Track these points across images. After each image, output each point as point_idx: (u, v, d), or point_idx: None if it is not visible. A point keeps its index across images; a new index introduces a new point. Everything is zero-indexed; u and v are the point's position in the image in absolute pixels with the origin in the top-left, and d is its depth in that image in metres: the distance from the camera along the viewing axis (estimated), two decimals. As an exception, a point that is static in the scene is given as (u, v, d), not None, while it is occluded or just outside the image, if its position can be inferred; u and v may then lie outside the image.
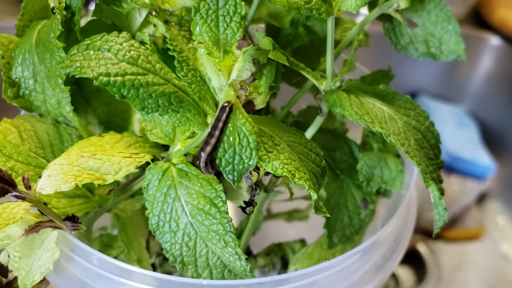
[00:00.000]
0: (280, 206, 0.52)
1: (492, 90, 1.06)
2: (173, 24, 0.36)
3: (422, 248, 0.89)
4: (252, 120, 0.26)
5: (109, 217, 0.42)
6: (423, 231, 0.88)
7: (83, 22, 0.39)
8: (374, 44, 0.46)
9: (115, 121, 0.39)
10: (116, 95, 0.25)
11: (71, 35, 0.37)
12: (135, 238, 0.37)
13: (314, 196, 0.28)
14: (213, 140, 0.25)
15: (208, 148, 0.25)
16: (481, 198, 0.98)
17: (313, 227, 0.52)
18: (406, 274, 0.87)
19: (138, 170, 0.32)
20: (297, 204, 0.52)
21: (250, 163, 0.26)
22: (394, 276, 0.84)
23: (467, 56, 0.39)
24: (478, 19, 1.05)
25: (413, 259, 0.87)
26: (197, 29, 0.27)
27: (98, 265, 0.34)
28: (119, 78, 0.25)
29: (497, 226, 0.95)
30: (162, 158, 0.34)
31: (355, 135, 0.45)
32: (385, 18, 0.38)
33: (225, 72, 0.26)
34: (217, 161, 0.26)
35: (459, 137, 1.00)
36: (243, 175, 0.27)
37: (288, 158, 0.28)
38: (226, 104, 0.25)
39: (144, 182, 0.32)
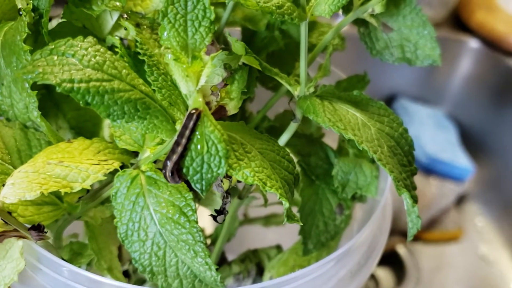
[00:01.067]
0: (257, 211, 0.52)
1: (471, 92, 1.07)
2: (144, 27, 0.35)
3: (401, 249, 0.90)
4: (221, 128, 0.25)
5: (82, 224, 0.42)
6: (403, 233, 0.88)
7: (55, 23, 0.38)
8: (353, 46, 0.45)
9: (85, 126, 0.38)
10: (81, 102, 0.25)
11: (39, 38, 0.36)
12: (105, 246, 0.36)
13: (286, 204, 0.28)
14: (179, 149, 0.25)
15: (175, 157, 0.25)
16: (460, 200, 0.99)
17: (292, 231, 0.52)
18: (385, 276, 0.87)
19: (106, 177, 0.31)
20: (275, 208, 0.52)
21: (219, 171, 0.25)
22: (373, 278, 0.85)
23: (446, 58, 0.39)
24: (457, 22, 1.06)
25: (392, 261, 0.87)
26: (165, 34, 0.26)
27: (67, 276, 0.33)
28: (83, 85, 0.24)
29: (475, 228, 0.96)
30: (132, 165, 0.33)
31: (332, 140, 0.45)
32: (360, 22, 0.38)
33: (194, 78, 0.25)
34: (184, 170, 0.25)
35: (438, 139, 1.01)
36: (213, 184, 0.26)
37: (260, 165, 0.28)
38: (193, 111, 0.24)
39: (112, 190, 0.31)
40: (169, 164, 0.25)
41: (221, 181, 0.30)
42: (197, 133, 0.25)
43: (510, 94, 1.00)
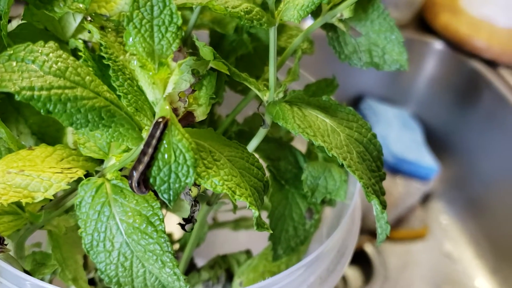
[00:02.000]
0: (227, 214, 0.51)
1: (435, 93, 1.09)
2: (109, 30, 0.34)
3: (369, 248, 0.91)
4: (189, 136, 0.24)
5: (45, 233, 0.40)
6: (370, 232, 0.89)
7: (15, 24, 0.37)
8: (320, 46, 0.45)
9: (48, 132, 0.37)
10: (41, 111, 0.23)
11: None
12: (70, 255, 0.35)
13: (256, 213, 0.27)
14: (146, 158, 0.24)
15: (141, 167, 0.24)
16: (425, 199, 1.01)
17: (262, 234, 0.52)
18: (353, 274, 0.88)
19: (70, 186, 0.30)
20: (244, 212, 0.51)
21: (187, 181, 0.24)
22: (342, 277, 0.85)
23: (412, 60, 0.40)
24: (422, 24, 1.07)
25: (360, 259, 0.88)
26: (130, 40, 0.25)
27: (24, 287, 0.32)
28: (44, 93, 0.23)
29: (440, 226, 0.98)
30: (96, 172, 0.32)
31: (302, 143, 0.45)
32: (329, 27, 0.38)
33: (160, 85, 0.25)
34: (151, 180, 0.24)
35: (404, 139, 1.02)
36: (182, 192, 0.25)
37: (229, 174, 0.27)
38: (160, 119, 0.24)
39: (77, 199, 0.30)
40: (135, 175, 0.24)
41: (189, 189, 0.29)
42: (164, 142, 0.24)
43: (473, 94, 1.02)
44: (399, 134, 1.02)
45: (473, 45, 1.00)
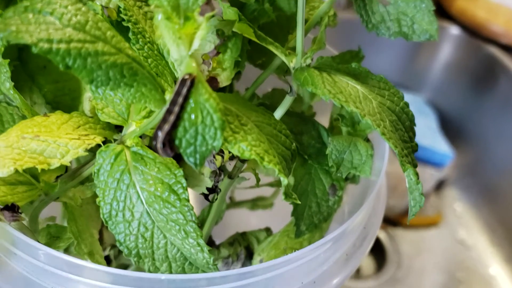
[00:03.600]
0: (243, 194, 0.50)
1: (451, 79, 1.07)
2: (128, -7, 0.32)
3: (381, 235, 0.90)
4: (216, 96, 0.23)
5: (59, 207, 0.39)
6: (383, 218, 0.88)
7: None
8: (333, 31, 0.44)
9: (63, 101, 0.35)
10: (60, 65, 0.22)
11: (12, 2, 0.33)
12: (86, 229, 0.34)
13: (285, 181, 0.26)
14: (172, 118, 0.22)
15: (167, 127, 0.22)
16: (439, 185, 1.00)
17: (277, 216, 0.50)
18: (366, 261, 0.87)
19: (87, 153, 0.28)
20: (262, 191, 0.50)
21: (214, 144, 0.23)
22: (354, 264, 0.84)
23: (427, 45, 0.38)
24: (439, 9, 1.05)
25: (373, 246, 0.87)
26: (155, -8, 0.23)
27: (44, 260, 0.30)
28: (63, 46, 0.22)
29: (454, 213, 0.97)
30: (115, 140, 0.30)
31: (323, 120, 0.43)
32: (356, -7, 0.36)
33: (186, 41, 0.23)
34: (176, 142, 0.23)
35: (419, 125, 1.00)
36: (206, 159, 0.24)
37: (256, 139, 0.26)
38: (187, 76, 0.22)
39: (95, 167, 0.28)
40: (160, 135, 0.22)
41: (214, 157, 0.27)
42: (191, 101, 0.22)
43: (489, 80, 1.00)
44: (413, 120, 1.00)
45: (490, 30, 0.98)
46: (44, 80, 0.35)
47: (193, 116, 0.23)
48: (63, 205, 0.33)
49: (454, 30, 1.03)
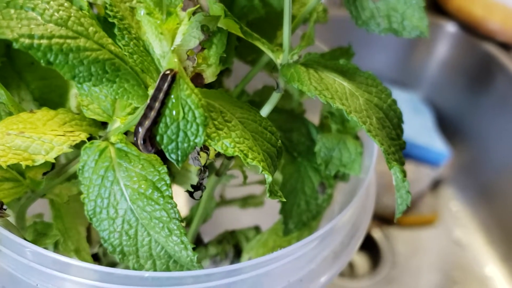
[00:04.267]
0: (234, 192, 0.50)
1: (447, 76, 1.07)
2: (114, -11, 0.32)
3: (376, 234, 0.90)
4: (198, 92, 0.23)
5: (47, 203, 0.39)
6: (378, 217, 0.88)
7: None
8: (328, 29, 0.44)
9: (50, 98, 0.35)
10: (42, 61, 0.22)
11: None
12: (72, 226, 0.33)
13: (269, 178, 0.26)
14: (152, 114, 0.22)
15: (147, 123, 0.22)
16: (435, 184, 0.99)
17: (268, 214, 0.50)
18: (361, 260, 0.87)
19: (72, 149, 0.28)
20: (252, 189, 0.49)
21: (196, 140, 0.23)
22: (349, 262, 0.84)
23: (423, 42, 0.38)
24: (435, 6, 1.05)
25: (368, 245, 0.87)
26: (137, -12, 0.23)
27: (30, 257, 0.30)
28: (44, 41, 0.22)
29: (450, 212, 0.96)
30: (100, 137, 0.30)
31: (313, 117, 0.43)
32: (346, -11, 0.36)
33: (168, 37, 0.23)
34: (158, 138, 0.23)
35: (415, 123, 1.01)
36: (189, 155, 0.24)
37: (241, 136, 0.26)
38: (168, 72, 0.22)
39: (79, 164, 0.28)
40: (141, 131, 0.22)
41: (198, 153, 0.27)
42: (172, 96, 0.22)
43: (486, 78, 1.00)
44: (409, 118, 1.00)
45: (487, 28, 0.98)
46: (31, 77, 0.35)
47: (174, 112, 0.22)
48: (50, 202, 0.33)
49: (450, 28, 1.03)
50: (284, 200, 0.27)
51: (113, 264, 0.42)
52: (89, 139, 0.29)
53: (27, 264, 0.30)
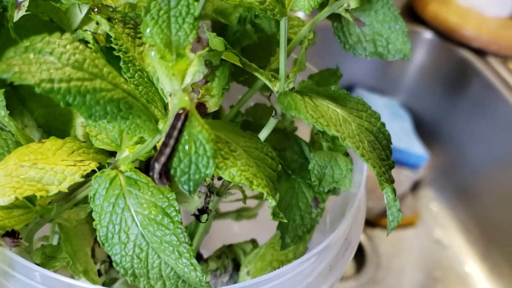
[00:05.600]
0: (227, 204, 0.51)
1: (424, 82, 1.09)
2: (116, 21, 0.34)
3: (361, 236, 0.91)
4: (208, 127, 0.24)
5: (47, 226, 0.40)
6: (362, 221, 0.89)
7: (18, 16, 0.36)
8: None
9: (54, 125, 0.36)
10: (61, 103, 0.23)
11: (2, 32, 0.34)
12: (80, 248, 0.35)
13: (273, 203, 0.27)
14: (167, 150, 0.24)
15: (163, 159, 0.24)
16: (415, 186, 1.02)
17: (258, 223, 0.52)
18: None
19: (83, 179, 0.30)
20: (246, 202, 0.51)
21: (207, 172, 0.25)
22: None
23: None
24: (412, 14, 1.08)
25: (352, 248, 0.89)
26: (148, 31, 0.25)
27: (41, 281, 0.31)
28: (63, 85, 0.23)
29: (430, 213, 0.99)
30: (108, 164, 0.32)
31: (304, 133, 0.45)
32: (334, 17, 0.38)
33: (179, 77, 0.24)
34: (172, 172, 0.24)
35: (394, 128, 1.03)
36: (200, 184, 0.25)
37: (245, 164, 0.27)
38: (181, 111, 0.24)
39: (91, 192, 0.30)
40: (157, 166, 0.24)
41: (204, 180, 0.29)
42: (185, 133, 0.24)
43: (462, 83, 1.03)
44: (389, 123, 1.02)
45: (462, 35, 1.01)
46: (35, 105, 0.36)
47: (187, 147, 0.24)
48: (58, 226, 0.35)
49: (427, 35, 1.05)
50: (285, 221, 0.29)
51: (114, 280, 0.43)
52: (99, 168, 0.31)
53: (38, 288, 0.32)
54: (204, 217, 0.31)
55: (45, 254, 0.35)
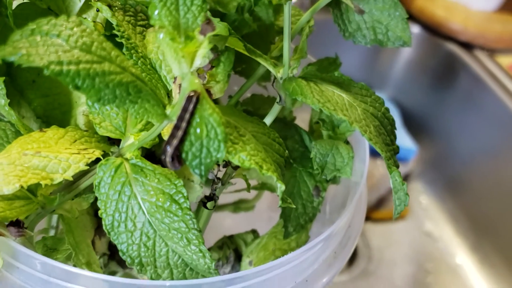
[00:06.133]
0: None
1: (412, 76, 1.10)
2: (116, 8, 0.33)
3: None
4: (219, 111, 0.24)
5: (43, 221, 0.39)
6: (354, 214, 0.90)
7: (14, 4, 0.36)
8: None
9: (53, 115, 0.36)
10: (70, 86, 0.23)
11: (0, 20, 0.33)
12: (82, 239, 0.34)
13: (282, 187, 0.27)
14: (180, 133, 0.24)
15: (175, 142, 0.24)
16: (405, 179, 1.01)
17: (248, 218, 0.52)
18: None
19: (88, 167, 0.29)
20: (241, 195, 0.51)
21: (218, 156, 0.24)
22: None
23: None
24: (399, 8, 1.08)
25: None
26: (156, 13, 0.25)
27: (42, 270, 0.31)
28: (72, 67, 0.23)
29: (420, 206, 0.99)
30: (112, 153, 0.31)
31: (301, 122, 0.45)
32: (334, 4, 0.38)
33: (188, 59, 0.24)
34: (183, 155, 0.24)
35: (383, 122, 1.02)
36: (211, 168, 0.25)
37: (254, 149, 0.27)
38: (192, 93, 0.23)
39: (96, 180, 0.29)
40: (169, 150, 0.24)
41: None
42: (196, 116, 0.24)
43: (449, 76, 1.04)
44: (378, 117, 1.03)
45: (449, 28, 1.01)
46: (34, 95, 0.36)
47: (198, 130, 0.24)
48: (60, 217, 0.34)
49: (414, 29, 1.06)
50: (294, 206, 0.29)
51: (113, 273, 0.43)
52: (103, 156, 0.30)
53: (40, 277, 0.31)
54: (211, 203, 0.30)
55: (46, 246, 0.34)
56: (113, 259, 0.41)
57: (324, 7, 0.37)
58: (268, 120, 0.34)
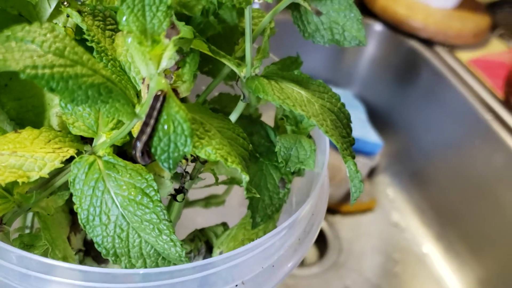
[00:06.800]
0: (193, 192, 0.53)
1: (376, 73, 1.13)
2: (86, 14, 0.35)
3: (322, 223, 0.94)
4: (185, 108, 0.26)
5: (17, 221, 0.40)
6: (323, 208, 0.92)
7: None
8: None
9: (27, 117, 0.37)
10: (45, 88, 0.25)
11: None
12: (58, 235, 0.36)
13: (246, 178, 0.29)
14: (148, 129, 0.26)
15: (144, 137, 0.26)
16: (371, 173, 1.05)
17: (217, 213, 0.54)
18: (309, 249, 0.91)
19: (63, 164, 0.31)
20: (212, 189, 0.53)
21: (185, 150, 0.26)
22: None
23: None
24: (362, 7, 1.12)
25: (314, 235, 0.91)
26: (124, 19, 0.26)
27: (20, 264, 0.32)
28: (47, 71, 0.24)
29: (387, 198, 1.02)
30: (86, 151, 0.33)
31: (265, 119, 0.47)
32: (293, 7, 0.40)
33: (155, 62, 0.26)
34: (152, 150, 0.26)
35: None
36: (179, 162, 0.27)
37: (220, 143, 0.29)
38: (159, 92, 0.25)
39: (70, 177, 0.31)
40: (139, 145, 0.26)
41: (180, 161, 0.31)
42: (164, 113, 0.26)
43: (412, 72, 1.07)
44: (345, 113, 1.05)
45: (410, 26, 1.05)
46: (6, 98, 0.37)
47: (166, 127, 0.26)
48: (36, 214, 0.35)
49: (377, 27, 1.09)
50: (258, 196, 0.31)
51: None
52: (77, 154, 0.32)
53: (18, 271, 0.32)
54: (180, 196, 0.32)
55: (23, 243, 0.36)
56: (88, 255, 0.43)
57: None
58: (233, 116, 0.36)
